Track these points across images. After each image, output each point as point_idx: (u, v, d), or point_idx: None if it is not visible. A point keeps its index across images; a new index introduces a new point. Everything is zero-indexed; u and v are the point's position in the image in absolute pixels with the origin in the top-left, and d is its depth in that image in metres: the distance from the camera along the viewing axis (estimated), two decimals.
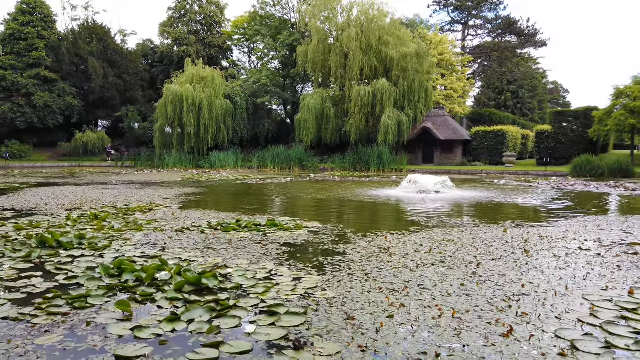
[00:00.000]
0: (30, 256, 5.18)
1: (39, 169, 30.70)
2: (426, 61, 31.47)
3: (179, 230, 6.97)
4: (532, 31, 44.55)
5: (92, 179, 20.07)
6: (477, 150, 31.53)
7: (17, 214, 8.70)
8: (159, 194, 13.25)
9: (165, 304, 3.63)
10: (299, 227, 7.27)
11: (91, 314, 3.41)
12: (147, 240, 6.24)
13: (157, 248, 5.73)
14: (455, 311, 3.41)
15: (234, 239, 6.30)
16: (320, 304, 3.59)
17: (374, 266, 4.82)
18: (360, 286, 4.09)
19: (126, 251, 5.49)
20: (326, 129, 32.09)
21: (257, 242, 6.14)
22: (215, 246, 5.87)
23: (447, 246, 5.87)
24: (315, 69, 33.41)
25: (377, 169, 28.91)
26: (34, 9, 39.80)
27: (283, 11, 41.03)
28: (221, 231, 6.94)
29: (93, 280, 4.21)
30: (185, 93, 32.76)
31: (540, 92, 62.18)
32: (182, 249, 5.67)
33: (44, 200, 11.07)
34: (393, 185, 17.32)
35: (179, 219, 8.18)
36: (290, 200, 12.38)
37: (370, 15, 31.66)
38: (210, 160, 32.73)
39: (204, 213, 9.10)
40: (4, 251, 5.39)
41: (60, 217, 8.22)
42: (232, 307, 3.51)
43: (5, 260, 5.02)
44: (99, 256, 5.24)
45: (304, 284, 4.16)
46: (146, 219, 8.05)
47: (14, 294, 3.86)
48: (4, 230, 6.84)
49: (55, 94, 38.35)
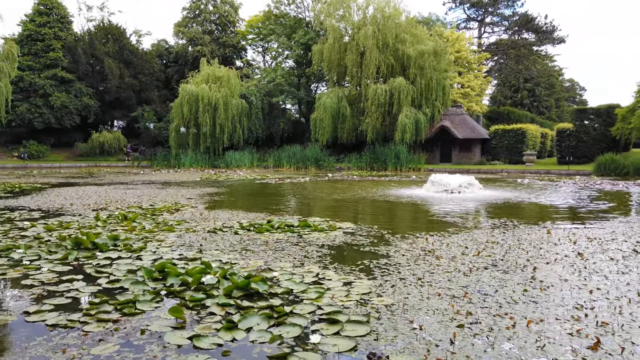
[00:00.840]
0: (67, 258, 5.06)
1: (56, 169, 30.93)
2: (443, 59, 31.06)
3: (211, 231, 6.81)
4: (549, 28, 43.79)
5: (112, 179, 20.10)
6: (495, 149, 31.04)
7: (45, 215, 8.63)
8: (182, 193, 13.16)
9: (217, 309, 3.46)
10: (332, 228, 7.08)
11: (143, 320, 3.25)
12: (181, 241, 6.09)
13: (194, 250, 5.58)
14: (530, 320, 3.18)
15: (270, 241, 6.13)
16: (380, 312, 3.39)
17: (424, 270, 4.61)
18: (417, 292, 3.88)
19: (163, 253, 5.35)
20: (342, 128, 31.86)
21: (294, 243, 5.96)
22: (252, 248, 5.70)
23: (493, 249, 5.63)
24: (330, 68, 33.19)
25: (394, 168, 28.59)
26: (51, 10, 40.14)
27: (297, 10, 40.91)
28: (254, 232, 6.77)
29: (137, 284, 4.06)
30: (201, 93, 32.76)
31: (557, 90, 61.24)
32: (219, 251, 5.51)
33: (68, 201, 11.03)
34: (415, 184, 17.05)
35: (208, 220, 8.04)
36: (314, 201, 12.20)
37: (387, 13, 31.34)
38: (226, 160, 32.69)
39: (232, 213, 8.96)
40: (39, 253, 5.28)
41: (89, 218, 8.13)
42: (288, 314, 3.33)
43: (43, 262, 4.90)
44: (137, 258, 5.10)
45: (356, 288, 3.97)
46: (175, 220, 7.92)
47: (58, 298, 3.72)
48: (35, 231, 6.75)
49: (72, 94, 38.65)
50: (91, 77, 40.91)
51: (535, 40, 43.76)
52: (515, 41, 44.19)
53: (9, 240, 6.02)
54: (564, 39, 43.48)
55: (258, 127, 36.83)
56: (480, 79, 37.09)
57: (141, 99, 42.14)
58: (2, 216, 8.32)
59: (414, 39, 31.66)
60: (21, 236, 6.37)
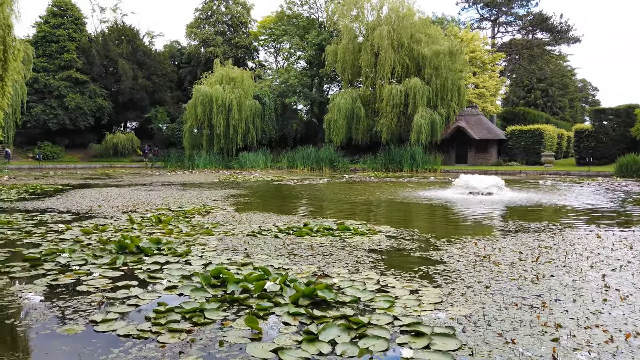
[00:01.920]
0: (115, 263, 4.95)
1: (71, 170, 31.08)
2: (459, 59, 30.80)
3: (251, 235, 6.68)
4: (565, 27, 43.31)
5: (130, 181, 20.09)
6: (512, 150, 30.71)
7: (76, 217, 8.55)
8: (205, 195, 13.07)
9: (289, 319, 3.32)
10: (373, 232, 6.92)
11: (216, 331, 3.11)
12: (224, 245, 5.97)
13: (241, 254, 5.45)
14: (628, 334, 3.00)
15: (315, 245, 5.98)
16: (462, 324, 3.23)
17: (488, 277, 4.43)
18: (491, 301, 3.70)
19: (211, 258, 5.22)
20: (357, 129, 31.72)
21: (340, 248, 5.81)
22: (299, 252, 5.55)
23: (550, 254, 5.44)
24: (345, 69, 33.05)
25: (410, 170, 28.37)
26: (65, 11, 40.39)
27: (310, 11, 40.85)
28: (295, 236, 6.63)
29: (197, 291, 3.92)
30: (215, 94, 32.77)
31: (571, 90, 60.60)
32: (267, 256, 5.37)
33: (94, 203, 10.97)
34: (438, 186, 16.85)
35: (243, 223, 7.91)
36: (342, 203, 12.04)
37: (402, 13, 31.16)
38: (240, 161, 32.66)
39: (264, 216, 8.83)
40: (85, 257, 5.17)
41: (121, 220, 8.04)
42: (367, 325, 3.17)
43: (92, 267, 4.79)
44: (186, 263, 4.98)
45: (425, 297, 3.80)
46: (210, 223, 7.80)
47: (120, 306, 3.59)
48: (73, 234, 6.66)
49: (87, 95, 38.86)
50: (105, 78, 41.11)
51: (550, 40, 43.29)
52: (530, 41, 43.77)
53: (51, 244, 5.93)
54: (580, 38, 43.01)
55: (271, 128, 36.79)
56: (495, 80, 36.75)
57: (154, 100, 42.29)
58: (34, 218, 8.26)
59: (428, 39, 31.46)
60: (60, 239, 6.28)
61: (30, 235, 6.62)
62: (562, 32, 43.73)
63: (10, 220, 7.81)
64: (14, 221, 7.82)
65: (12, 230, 7.03)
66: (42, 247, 5.78)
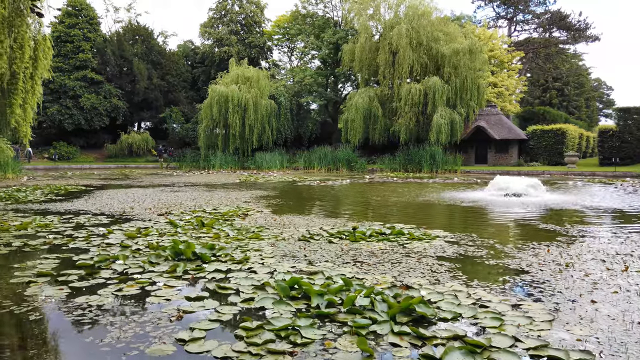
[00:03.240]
0: (175, 271, 4.65)
1: (87, 171, 31.01)
2: (479, 57, 30.31)
3: (303, 240, 6.36)
4: (583, 25, 42.59)
5: (151, 181, 19.90)
6: (533, 149, 30.18)
7: (113, 220, 8.29)
8: (234, 196, 12.78)
9: (395, 339, 2.99)
10: (428, 236, 6.57)
11: (321, 353, 2.79)
12: (280, 251, 5.65)
13: (301, 261, 5.13)
14: None
15: (375, 251, 5.65)
16: (595, 347, 2.88)
17: (585, 289, 4.07)
18: (609, 319, 3.35)
19: (273, 265, 4.90)
20: (374, 128, 31.35)
21: (404, 254, 5.47)
22: (363, 259, 5.22)
23: (635, 262, 5.06)
24: (362, 67, 32.73)
25: (429, 170, 27.94)
26: (80, 11, 40.39)
27: (325, 9, 40.50)
28: (349, 241, 6.31)
29: (279, 304, 3.60)
30: (231, 94, 32.54)
31: (587, 89, 59.75)
32: (330, 263, 5.05)
33: (125, 204, 10.72)
34: (467, 186, 16.46)
35: (287, 226, 7.60)
36: (377, 204, 11.69)
37: (420, 11, 30.75)
38: (256, 161, 32.39)
39: (305, 219, 8.51)
40: (142, 264, 4.89)
41: (160, 223, 7.76)
42: (488, 349, 2.83)
43: (153, 276, 4.50)
44: (250, 271, 4.66)
45: (532, 314, 3.45)
46: (254, 226, 7.50)
47: (203, 322, 3.28)
48: (117, 238, 6.38)
49: (102, 95, 38.82)
50: (119, 78, 41.07)
51: (569, 38, 42.60)
52: (548, 39, 43.09)
53: (99, 250, 5.65)
54: (599, 37, 42.27)
55: (286, 128, 36.51)
56: (514, 78, 36.19)
57: (168, 100, 42.21)
58: (70, 221, 8.00)
59: (446, 37, 31.05)
60: (106, 244, 6.01)
61: (73, 239, 6.35)
62: (580, 29, 43.01)
63: (47, 223, 7.56)
64: (50, 224, 7.57)
65: (52, 233, 6.78)
66: (91, 252, 5.51)
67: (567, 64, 56.08)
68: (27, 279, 4.39)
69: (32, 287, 4.11)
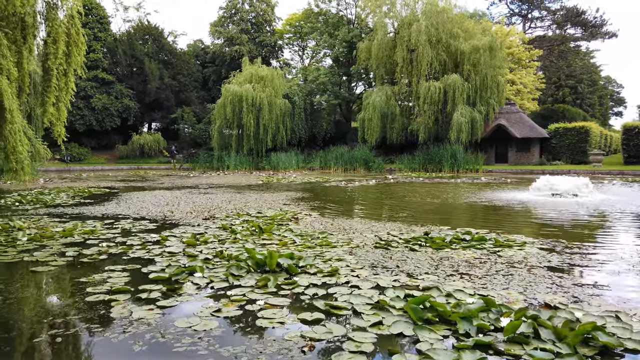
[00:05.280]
0: (266, 285, 4.11)
1: (100, 172, 30.54)
2: (498, 54, 29.69)
3: (380, 247, 5.81)
4: (599, 22, 41.90)
5: (172, 182, 19.40)
6: (556, 148, 29.54)
7: (159, 225, 7.75)
8: (269, 198, 12.24)
9: None
10: (517, 243, 5.99)
11: None
12: (366, 261, 5.09)
13: (398, 273, 4.57)
14: None
15: (471, 260, 5.10)
16: None
17: None
18: None
19: (369, 277, 4.35)
20: (392, 127, 30.77)
21: (506, 264, 4.92)
22: (464, 270, 4.67)
23: None
24: (378, 65, 32.15)
25: (450, 170, 27.35)
26: (90, 10, 39.87)
27: (338, 7, 39.92)
28: (431, 248, 5.75)
29: (420, 329, 3.05)
30: (245, 93, 31.99)
31: (600, 87, 58.97)
32: (432, 275, 4.49)
33: (160, 207, 10.19)
34: (502, 187, 15.88)
35: (347, 231, 7.05)
36: (421, 206, 11.11)
37: (439, 7, 30.14)
38: (272, 162, 31.85)
39: (361, 222, 7.97)
40: (224, 277, 4.35)
41: (211, 228, 7.22)
42: None
43: (245, 291, 3.95)
44: (351, 286, 4.11)
45: None
46: (314, 231, 6.95)
47: (344, 355, 2.74)
48: (177, 246, 5.85)
49: (113, 96, 38.37)
50: (130, 78, 40.61)
51: (586, 34, 41.91)
52: (564, 36, 42.41)
53: (165, 260, 5.11)
54: (616, 33, 41.58)
55: (300, 128, 35.97)
56: (532, 76, 35.56)
57: (180, 100, 41.73)
58: (113, 227, 7.48)
59: (465, 34, 30.45)
60: (168, 253, 5.47)
61: (129, 247, 5.82)
62: (596, 26, 42.33)
63: (92, 229, 7.03)
64: (95, 230, 7.04)
65: (101, 240, 6.25)
66: (158, 263, 4.97)
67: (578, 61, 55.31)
68: (103, 296, 3.86)
69: (116, 307, 3.57)
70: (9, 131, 7.93)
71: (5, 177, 12.52)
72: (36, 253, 5.48)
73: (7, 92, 7.58)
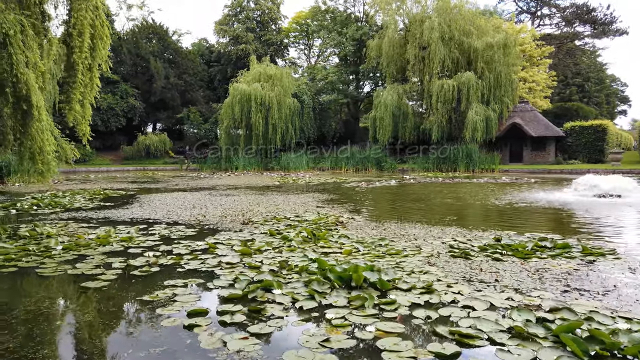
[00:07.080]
0: (363, 306, 3.53)
1: (106, 173, 29.94)
2: (512, 52, 29.20)
3: (458, 256, 5.24)
4: (609, 19, 41.42)
5: (187, 184, 18.82)
6: (572, 147, 29.02)
7: (197, 231, 7.16)
8: (297, 200, 11.66)
9: None
10: (606, 251, 5.44)
11: None
12: (455, 273, 4.52)
13: (502, 288, 4.00)
14: None
15: (571, 272, 4.53)
16: None
17: None
18: None
19: (472, 294, 3.78)
20: (404, 126, 30.24)
21: (612, 278, 4.35)
22: (577, 285, 4.10)
23: None
24: (389, 63, 31.61)
25: (466, 169, 26.81)
26: None
27: (346, 5, 39.38)
28: (517, 257, 5.19)
29: None
30: (254, 92, 31.43)
31: (606, 85, 58.51)
32: (546, 292, 3.92)
33: (188, 211, 9.61)
34: (531, 186, 15.33)
35: (405, 236, 6.48)
36: (464, 208, 10.55)
37: (452, 4, 29.62)
38: (281, 162, 31.28)
39: (414, 227, 7.39)
40: (309, 294, 3.77)
41: (257, 234, 6.64)
42: None
43: (342, 312, 3.37)
44: (463, 306, 3.54)
45: None
46: (372, 237, 6.37)
47: None
48: (231, 255, 5.27)
49: (118, 95, 37.76)
50: (135, 77, 40.01)
51: (596, 32, 41.40)
52: (575, 33, 41.92)
53: (229, 273, 4.53)
54: (627, 30, 41.09)
55: (309, 127, 35.40)
56: (544, 73, 35.06)
57: (186, 99, 41.12)
58: (150, 233, 6.89)
59: (478, 31, 29.96)
60: (227, 264, 4.90)
61: (180, 257, 5.24)
62: (606, 23, 41.85)
63: (130, 237, 6.44)
64: (132, 237, 6.45)
65: (143, 249, 5.67)
66: (222, 277, 4.39)
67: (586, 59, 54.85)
68: (180, 319, 3.28)
69: (202, 335, 2.99)
70: (36, 130, 7.36)
71: (21, 178, 11.89)
72: (78, 265, 4.90)
73: (34, 88, 7.00)
